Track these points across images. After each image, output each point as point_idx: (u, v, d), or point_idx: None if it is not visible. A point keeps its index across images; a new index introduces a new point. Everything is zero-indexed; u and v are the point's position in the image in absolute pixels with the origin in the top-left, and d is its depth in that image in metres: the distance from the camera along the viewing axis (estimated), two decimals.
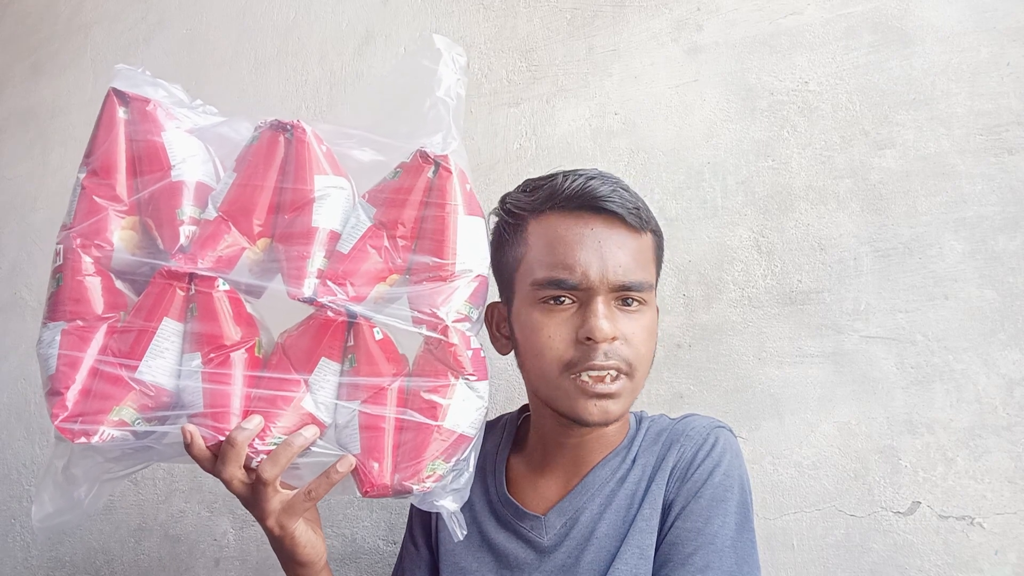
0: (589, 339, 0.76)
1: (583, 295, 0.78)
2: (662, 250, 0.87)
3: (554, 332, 0.78)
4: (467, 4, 1.35)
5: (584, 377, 0.76)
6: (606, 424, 0.79)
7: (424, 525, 0.93)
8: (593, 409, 0.77)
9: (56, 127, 1.74)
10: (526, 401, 0.95)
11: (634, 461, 0.83)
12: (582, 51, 1.23)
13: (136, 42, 1.70)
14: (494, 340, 0.89)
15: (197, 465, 0.71)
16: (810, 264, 1.02)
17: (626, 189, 0.81)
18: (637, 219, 0.79)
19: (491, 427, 0.97)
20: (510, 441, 0.93)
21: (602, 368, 0.76)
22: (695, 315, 1.06)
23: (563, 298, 0.78)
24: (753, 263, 1.05)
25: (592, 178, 0.80)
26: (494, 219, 0.88)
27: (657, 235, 0.86)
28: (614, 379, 0.77)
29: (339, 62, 1.44)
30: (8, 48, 1.91)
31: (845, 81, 1.05)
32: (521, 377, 0.89)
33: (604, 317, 0.76)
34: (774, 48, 1.10)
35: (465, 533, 0.72)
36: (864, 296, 0.98)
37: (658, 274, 0.87)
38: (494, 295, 0.93)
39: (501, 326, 0.87)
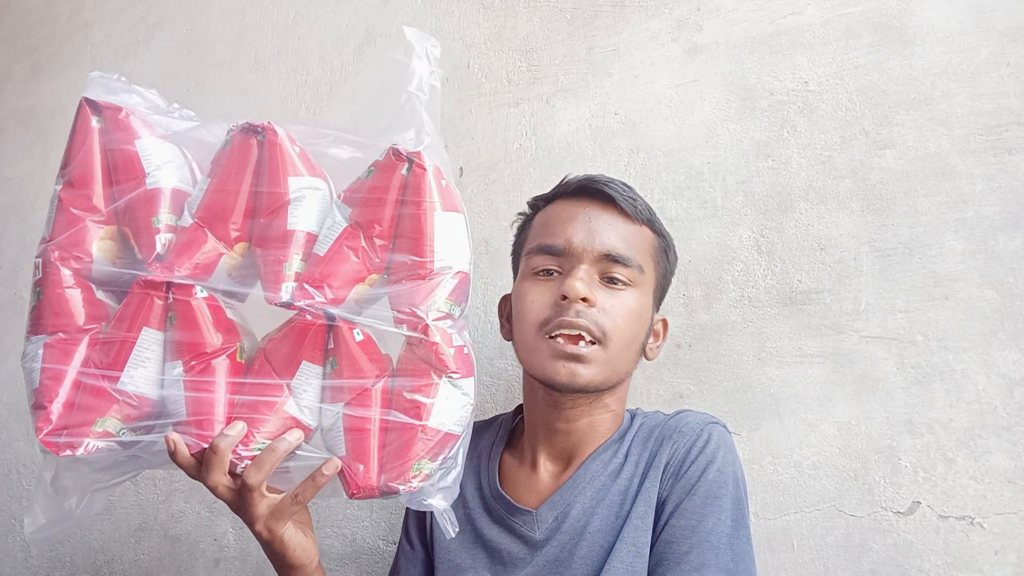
0: (564, 297, 0.79)
1: (568, 265, 0.82)
2: (667, 255, 0.89)
3: (536, 297, 0.82)
4: (467, 4, 1.35)
5: (558, 339, 0.79)
6: (574, 388, 0.80)
7: (419, 523, 0.93)
8: (561, 369, 0.79)
9: (56, 127, 1.74)
10: (522, 402, 0.96)
11: (626, 456, 0.83)
12: (582, 51, 1.23)
13: (136, 42, 1.70)
14: (502, 328, 0.94)
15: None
16: (810, 264, 1.02)
17: (627, 185, 0.87)
18: (631, 207, 0.84)
19: (486, 425, 0.97)
20: (504, 439, 0.94)
21: (572, 325, 0.78)
22: (695, 315, 1.06)
23: (552, 271, 0.83)
24: (753, 263, 1.05)
25: (596, 174, 0.87)
26: (519, 222, 0.95)
27: (660, 236, 0.88)
28: (587, 344, 0.79)
29: (339, 62, 1.44)
30: (8, 48, 1.91)
31: (845, 81, 1.05)
32: (520, 378, 0.90)
33: (580, 279, 0.80)
34: (774, 48, 1.10)
35: (457, 530, 0.72)
36: (864, 296, 0.98)
37: (661, 277, 0.88)
38: (494, 289, 0.93)
39: (511, 315, 0.91)
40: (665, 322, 0.92)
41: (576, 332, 0.79)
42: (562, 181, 0.89)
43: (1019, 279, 0.92)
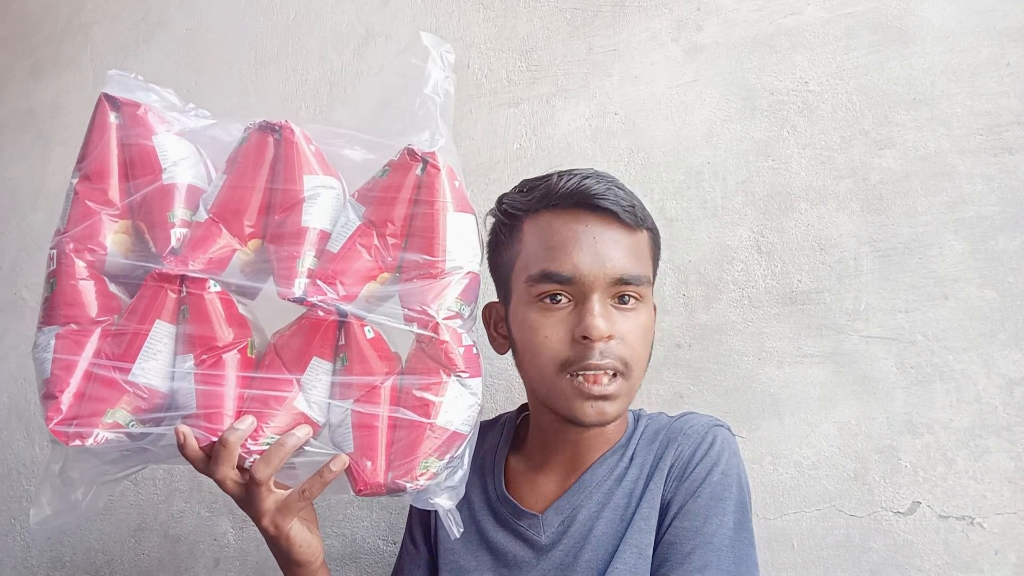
0: (585, 337, 0.76)
1: (578, 293, 0.78)
2: (659, 248, 0.88)
3: (551, 332, 0.78)
4: (467, 4, 1.35)
5: (580, 378, 0.76)
6: (603, 424, 0.79)
7: (423, 524, 0.93)
8: (590, 411, 0.77)
9: (56, 127, 1.74)
10: (526, 400, 0.95)
11: (631, 459, 0.83)
12: (582, 51, 1.23)
13: (136, 42, 1.70)
14: (492, 340, 0.89)
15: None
16: (810, 264, 1.02)
17: (621, 188, 0.82)
18: (632, 217, 0.80)
19: (490, 426, 0.97)
20: (509, 440, 0.93)
21: (598, 368, 0.76)
22: (695, 315, 1.06)
23: (559, 296, 0.78)
24: (753, 263, 1.05)
25: (587, 177, 0.80)
26: (491, 220, 0.89)
27: (653, 233, 0.86)
28: (611, 379, 0.77)
29: (339, 62, 1.44)
30: (8, 48, 1.91)
31: (845, 81, 1.05)
32: (519, 379, 0.89)
33: (600, 315, 0.76)
34: (774, 48, 1.10)
35: (462, 531, 0.72)
36: (864, 296, 0.98)
37: (655, 272, 0.87)
38: (492, 294, 0.93)
39: (499, 326, 0.88)
40: (654, 306, 0.88)
41: (601, 372, 0.77)
42: (548, 187, 0.81)
43: (1019, 279, 0.92)
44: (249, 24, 1.57)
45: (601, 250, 0.78)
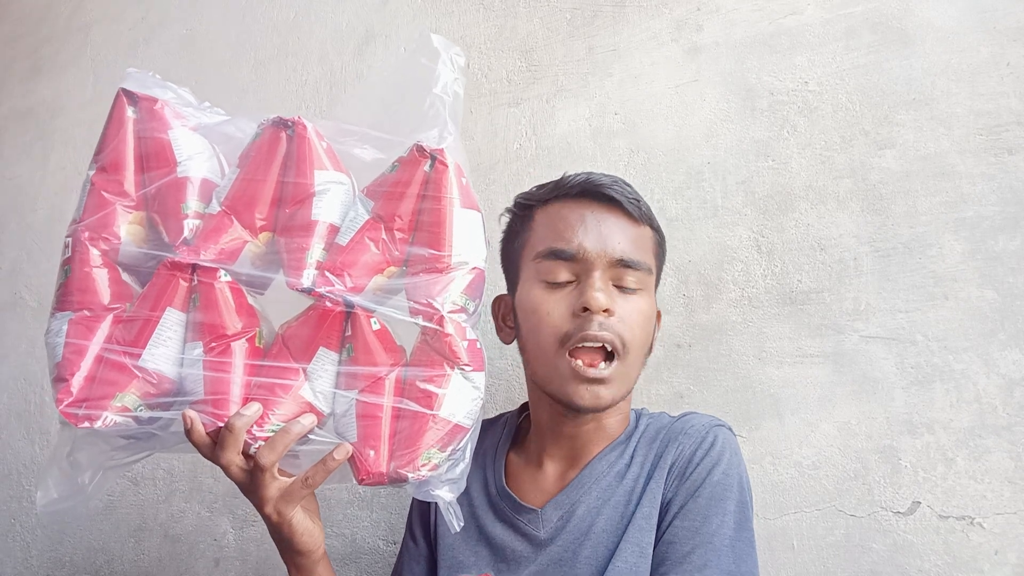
0: (585, 309, 0.78)
1: (581, 271, 0.81)
2: (663, 250, 0.90)
3: (552, 308, 0.81)
4: (467, 4, 1.35)
5: (578, 360, 0.79)
6: (597, 409, 0.80)
7: (423, 520, 0.94)
8: (585, 393, 0.79)
9: (56, 127, 1.74)
10: (526, 400, 0.96)
11: (632, 457, 0.84)
12: (582, 51, 1.23)
13: (136, 42, 1.70)
14: (499, 330, 0.92)
15: (198, 458, 0.72)
16: (810, 264, 1.02)
17: (628, 185, 0.86)
18: (637, 209, 0.84)
19: (491, 424, 0.97)
20: (510, 438, 0.94)
21: (596, 339, 0.78)
22: (695, 315, 1.06)
23: (563, 276, 0.82)
24: (753, 263, 1.05)
25: (594, 173, 0.87)
26: (506, 217, 0.93)
27: (657, 233, 0.89)
28: (607, 363, 0.79)
29: (339, 62, 1.44)
30: (8, 48, 1.91)
31: (845, 81, 1.05)
32: (522, 377, 0.90)
33: (600, 289, 0.79)
34: (774, 48, 1.10)
35: (462, 525, 0.73)
36: (864, 296, 0.98)
37: (659, 273, 0.89)
38: (497, 289, 0.93)
39: (507, 317, 0.90)
40: (659, 312, 0.92)
41: (599, 344, 0.78)
42: (560, 180, 0.87)
43: (1019, 279, 0.92)
44: (249, 24, 1.57)
45: (604, 232, 0.82)
